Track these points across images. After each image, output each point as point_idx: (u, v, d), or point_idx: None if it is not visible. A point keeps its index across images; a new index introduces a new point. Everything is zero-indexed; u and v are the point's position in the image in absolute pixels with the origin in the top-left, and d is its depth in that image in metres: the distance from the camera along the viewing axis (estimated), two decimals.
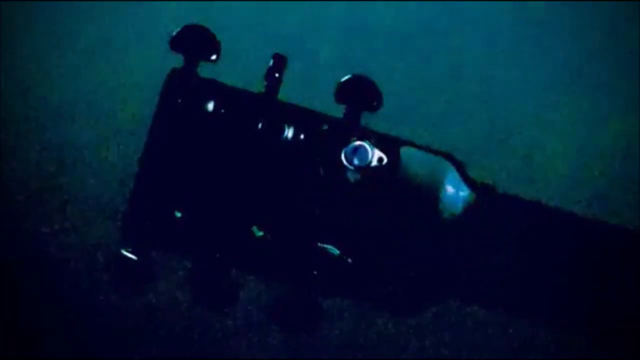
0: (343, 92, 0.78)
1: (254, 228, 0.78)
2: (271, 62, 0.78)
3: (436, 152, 0.78)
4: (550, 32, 2.65)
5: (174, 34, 0.78)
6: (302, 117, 0.78)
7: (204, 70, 0.79)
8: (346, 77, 0.78)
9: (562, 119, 2.45)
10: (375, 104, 0.78)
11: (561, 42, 2.62)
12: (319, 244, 0.78)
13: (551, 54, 2.60)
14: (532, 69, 2.57)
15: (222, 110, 0.77)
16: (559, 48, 2.60)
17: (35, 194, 2.23)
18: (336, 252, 0.78)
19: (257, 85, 0.79)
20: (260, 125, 0.77)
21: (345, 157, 0.77)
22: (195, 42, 0.78)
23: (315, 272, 0.78)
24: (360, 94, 0.78)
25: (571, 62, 2.57)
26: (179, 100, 0.77)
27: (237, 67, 1.81)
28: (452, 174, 0.78)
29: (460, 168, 0.79)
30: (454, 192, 0.78)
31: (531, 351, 1.91)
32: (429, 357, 1.91)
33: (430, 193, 0.78)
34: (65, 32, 2.71)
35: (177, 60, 0.79)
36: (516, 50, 2.62)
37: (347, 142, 0.77)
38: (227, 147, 0.77)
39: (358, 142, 0.77)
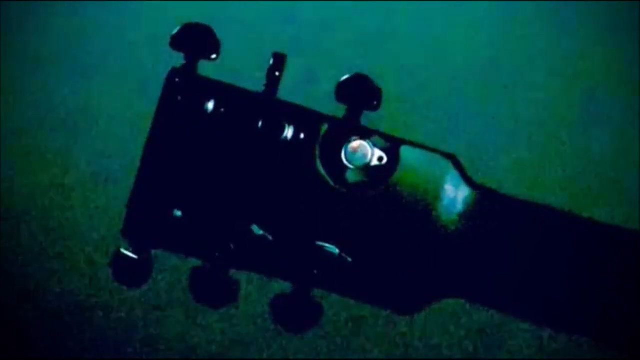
0: (343, 92, 0.78)
1: (254, 227, 0.78)
2: (271, 62, 0.78)
3: (436, 152, 0.78)
4: (550, 31, 2.65)
5: (175, 32, 0.78)
6: (302, 116, 0.78)
7: (204, 69, 0.78)
8: (346, 77, 0.78)
9: (562, 119, 2.45)
10: (375, 103, 0.78)
11: (560, 41, 2.62)
12: (319, 244, 0.78)
13: (550, 52, 2.60)
14: (531, 70, 2.57)
15: (222, 110, 0.77)
16: (558, 47, 2.60)
17: (32, 192, 2.22)
18: (336, 251, 0.78)
19: (257, 85, 0.79)
20: (260, 125, 0.77)
21: (346, 156, 0.77)
22: (196, 40, 0.78)
23: (315, 272, 0.78)
24: (360, 93, 0.78)
25: (571, 62, 2.57)
26: (179, 99, 0.77)
27: (237, 66, 1.81)
28: (453, 174, 0.78)
29: (461, 168, 0.78)
30: (454, 192, 0.78)
31: (531, 351, 1.91)
32: (430, 357, 1.91)
33: (431, 193, 0.78)
34: (68, 32, 2.71)
35: (178, 59, 0.79)
36: (516, 52, 2.62)
37: (348, 141, 0.77)
38: (227, 146, 0.77)
39: (358, 142, 0.77)
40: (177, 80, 0.78)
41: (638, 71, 2.46)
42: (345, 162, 0.77)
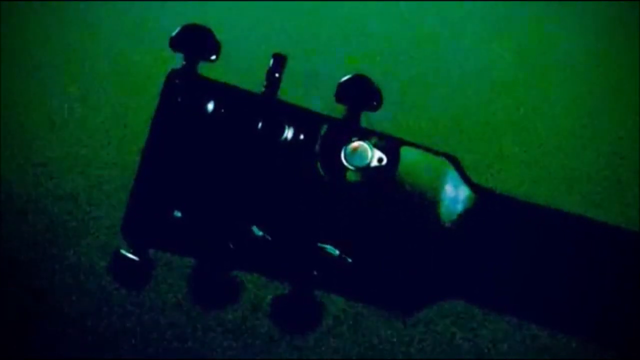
0: (343, 92, 0.78)
1: (254, 228, 0.78)
2: (271, 62, 0.78)
3: (436, 153, 0.78)
4: (550, 30, 2.65)
5: (174, 33, 0.78)
6: (302, 117, 0.78)
7: (204, 70, 0.78)
8: (346, 77, 0.78)
9: (562, 119, 2.45)
10: (375, 103, 0.78)
11: (560, 41, 2.62)
12: (319, 244, 0.78)
13: (550, 52, 2.60)
14: (529, 68, 2.56)
15: (222, 110, 0.77)
16: (558, 46, 2.60)
17: (33, 192, 2.22)
18: (336, 252, 0.78)
19: (257, 85, 0.79)
20: (260, 125, 0.77)
21: (345, 157, 0.77)
22: (195, 41, 0.78)
23: (315, 272, 0.78)
24: (360, 93, 0.78)
25: (570, 60, 2.57)
26: (179, 100, 0.77)
27: (237, 67, 1.81)
28: (452, 175, 0.78)
29: (460, 169, 0.78)
30: (454, 192, 0.78)
31: (531, 351, 1.91)
32: (430, 357, 1.91)
33: (430, 194, 0.78)
34: (66, 32, 2.71)
35: (177, 60, 0.79)
36: (517, 52, 2.61)
37: (347, 142, 0.77)
38: (227, 147, 0.77)
39: (358, 142, 0.77)
40: (176, 81, 0.78)
41: (639, 71, 2.45)
42: (345, 163, 0.77)
